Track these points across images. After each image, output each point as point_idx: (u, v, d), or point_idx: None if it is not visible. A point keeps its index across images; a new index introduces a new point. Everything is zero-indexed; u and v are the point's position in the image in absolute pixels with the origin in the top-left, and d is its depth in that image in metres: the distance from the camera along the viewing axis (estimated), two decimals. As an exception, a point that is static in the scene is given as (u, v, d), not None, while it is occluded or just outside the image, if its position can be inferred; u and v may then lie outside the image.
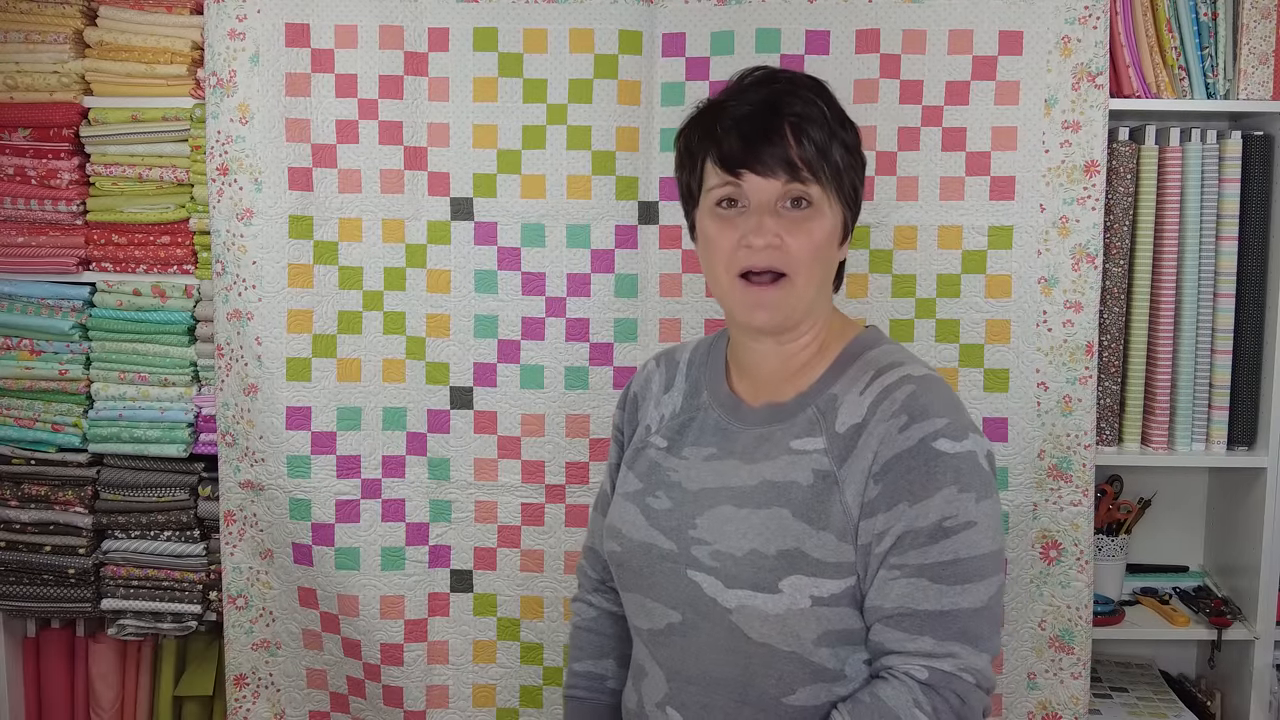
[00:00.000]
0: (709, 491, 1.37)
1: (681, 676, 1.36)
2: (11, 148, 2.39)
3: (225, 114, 2.28)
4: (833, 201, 1.34)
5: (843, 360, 1.39)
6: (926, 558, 1.25)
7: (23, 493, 2.44)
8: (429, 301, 2.32)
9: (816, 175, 1.32)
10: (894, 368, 1.35)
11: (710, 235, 1.36)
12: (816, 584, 1.28)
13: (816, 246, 1.33)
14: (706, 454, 1.41)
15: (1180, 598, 2.52)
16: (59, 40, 2.36)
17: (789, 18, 2.22)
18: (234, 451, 2.35)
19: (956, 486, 1.26)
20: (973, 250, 2.25)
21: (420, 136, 2.28)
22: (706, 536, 1.35)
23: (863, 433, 1.30)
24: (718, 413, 1.43)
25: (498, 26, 2.26)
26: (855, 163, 1.38)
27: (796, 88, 1.35)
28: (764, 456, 1.36)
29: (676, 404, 1.49)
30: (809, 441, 1.34)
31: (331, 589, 2.35)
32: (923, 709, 1.23)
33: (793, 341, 1.40)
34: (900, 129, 2.23)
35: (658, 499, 1.42)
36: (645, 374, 1.57)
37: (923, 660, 1.25)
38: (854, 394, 1.34)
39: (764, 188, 1.31)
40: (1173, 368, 2.35)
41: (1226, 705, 2.49)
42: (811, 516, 1.30)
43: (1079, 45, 2.19)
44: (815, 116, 1.33)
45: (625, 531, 1.44)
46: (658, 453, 1.46)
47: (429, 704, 2.38)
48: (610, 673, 1.60)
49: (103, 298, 2.40)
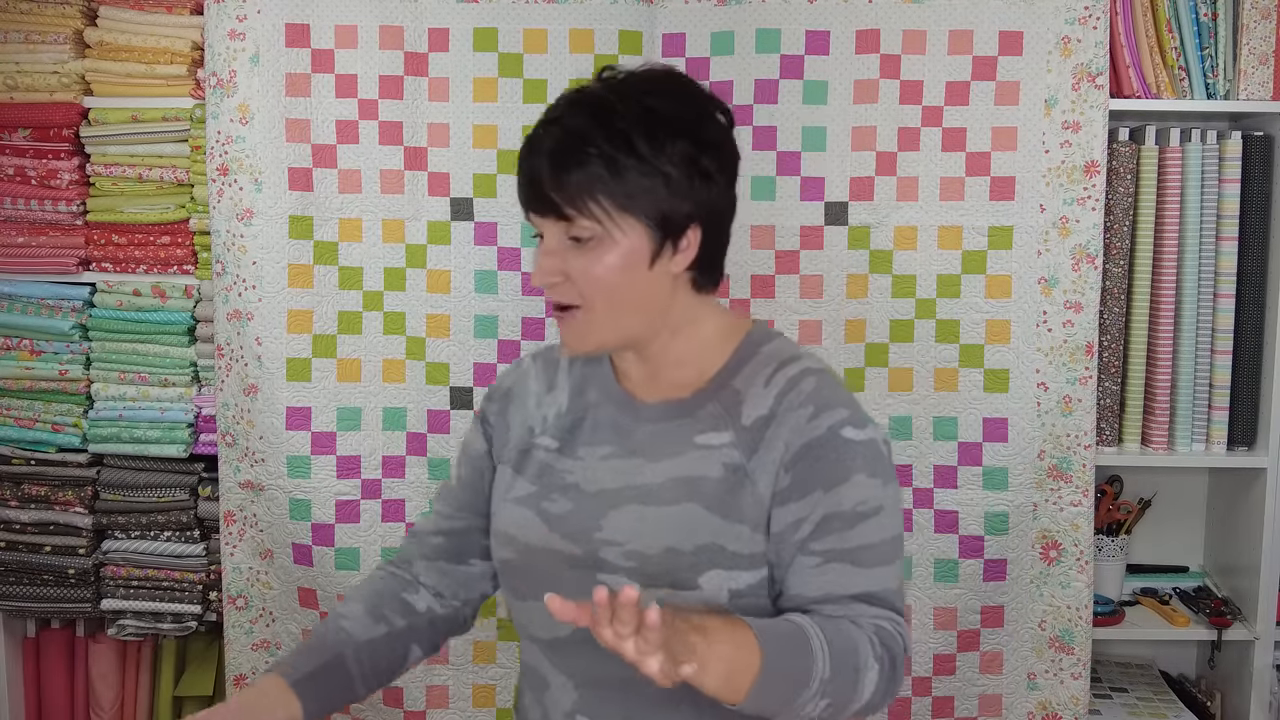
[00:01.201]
0: (610, 492, 1.34)
1: (593, 683, 1.33)
2: (11, 148, 2.39)
3: (225, 114, 2.28)
4: (630, 225, 1.28)
5: (740, 355, 1.37)
6: (846, 542, 1.27)
7: (23, 493, 2.44)
8: (429, 302, 2.32)
9: (583, 211, 1.27)
10: (794, 361, 1.35)
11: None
12: (733, 577, 1.28)
13: (603, 275, 1.28)
14: (603, 453, 1.37)
15: (1180, 598, 2.53)
16: (59, 40, 2.36)
17: (789, 18, 2.22)
18: (234, 452, 2.35)
19: (866, 472, 1.28)
20: (973, 250, 2.25)
21: (420, 137, 2.28)
22: (616, 537, 1.32)
23: (771, 424, 1.30)
24: (610, 410, 1.40)
25: (498, 27, 2.26)
26: (656, 174, 1.28)
27: (582, 116, 1.30)
28: (668, 453, 1.33)
29: (562, 404, 1.44)
30: (715, 436, 1.32)
31: (332, 589, 2.35)
32: (875, 651, 1.25)
33: (651, 350, 1.37)
34: (900, 129, 2.23)
35: (554, 502, 1.37)
36: (521, 371, 1.51)
37: (868, 618, 1.27)
38: (758, 387, 1.33)
39: (548, 227, 1.31)
40: (1173, 368, 2.35)
41: (1226, 705, 2.49)
42: (724, 510, 1.29)
43: (1079, 45, 2.19)
44: (580, 149, 1.28)
45: (520, 537, 1.39)
46: (548, 454, 1.41)
47: (429, 704, 2.39)
48: (352, 615, 1.47)
49: (103, 298, 2.40)
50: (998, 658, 2.33)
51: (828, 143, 2.24)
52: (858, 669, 1.23)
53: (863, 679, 1.23)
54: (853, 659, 1.23)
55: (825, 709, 1.22)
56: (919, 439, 2.29)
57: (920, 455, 2.29)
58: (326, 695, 1.39)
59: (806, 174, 2.25)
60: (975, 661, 2.33)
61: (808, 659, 1.20)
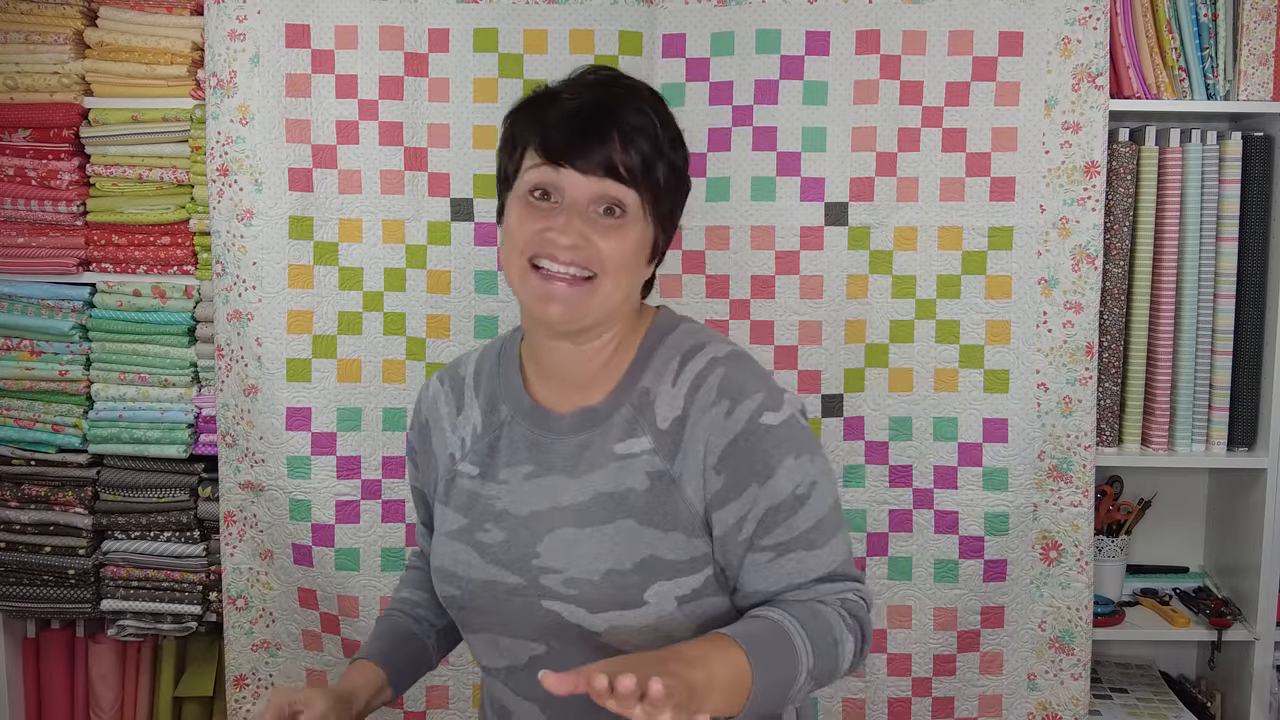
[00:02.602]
0: (540, 515, 1.31)
1: (558, 705, 1.29)
2: (11, 148, 2.39)
3: (225, 115, 2.28)
4: (648, 217, 1.29)
5: (644, 351, 1.34)
6: (794, 530, 1.27)
7: (23, 493, 2.44)
8: (429, 302, 2.32)
9: (635, 184, 1.26)
10: (698, 351, 1.32)
11: (513, 221, 1.29)
12: (678, 585, 1.27)
13: (626, 254, 1.27)
14: (525, 472, 1.34)
15: (1180, 598, 2.53)
16: (59, 41, 2.36)
17: (789, 18, 2.22)
18: (234, 452, 2.35)
19: (793, 454, 1.27)
20: (973, 251, 2.25)
21: (420, 137, 2.28)
22: (554, 564, 1.29)
23: (686, 425, 1.28)
24: (524, 425, 1.35)
25: (498, 27, 2.26)
26: (678, 186, 1.33)
27: (635, 97, 1.30)
28: (589, 467, 1.30)
29: (476, 424, 1.39)
30: (633, 443, 1.30)
31: (332, 590, 2.35)
32: (846, 623, 1.27)
33: (590, 343, 1.33)
34: (900, 130, 2.23)
35: (488, 532, 1.34)
36: (431, 396, 1.46)
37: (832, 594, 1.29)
38: (666, 386, 1.31)
39: (580, 185, 1.25)
40: (1173, 368, 2.35)
41: (1226, 706, 2.49)
42: (657, 520, 1.27)
43: (1079, 46, 2.19)
44: (647, 129, 1.28)
45: (460, 573, 1.35)
46: (471, 481, 1.37)
47: (429, 704, 2.39)
48: (423, 602, 1.54)
49: (103, 298, 2.40)
50: (998, 658, 2.33)
51: (828, 143, 2.24)
52: (836, 643, 1.26)
53: (841, 654, 1.26)
54: (830, 638, 1.25)
55: (812, 688, 1.25)
56: (919, 439, 2.29)
57: (920, 456, 2.29)
58: (413, 678, 1.51)
59: (806, 174, 2.25)
60: (975, 662, 2.33)
61: (793, 656, 1.22)
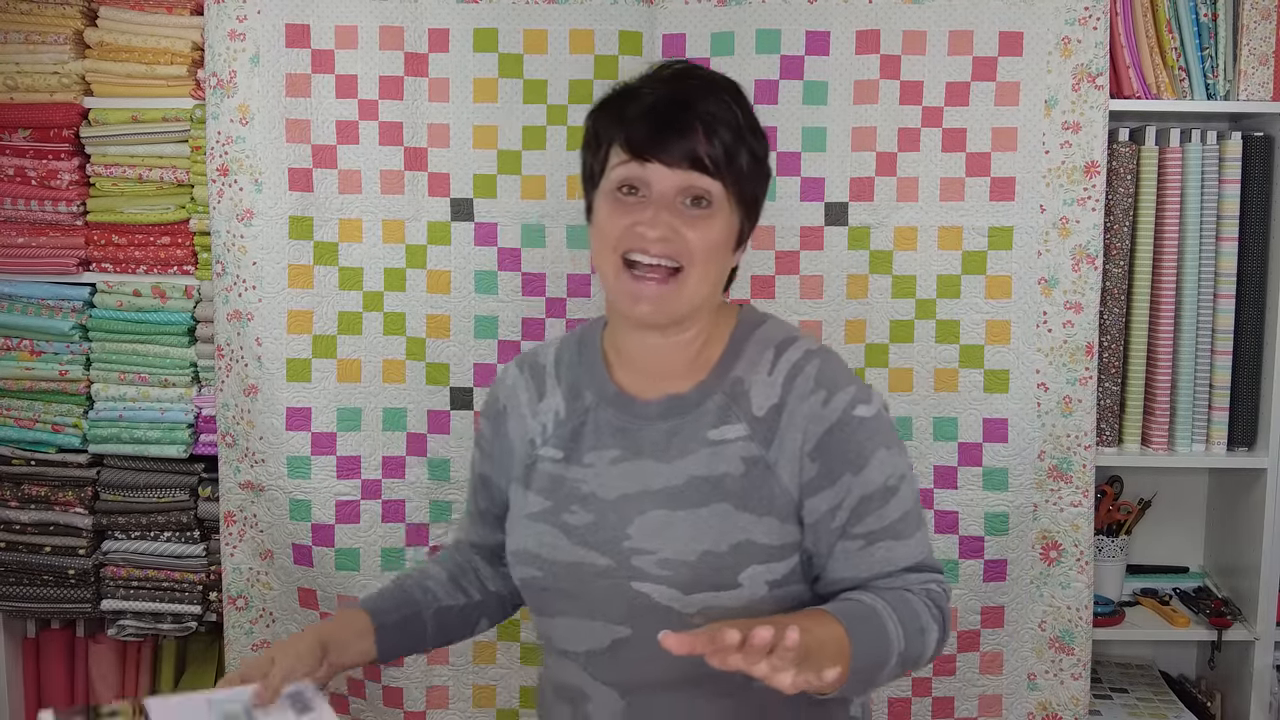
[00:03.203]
0: (630, 498, 1.33)
1: (638, 690, 1.33)
2: (11, 148, 2.39)
3: (225, 114, 2.28)
4: (733, 205, 1.32)
5: (735, 342, 1.37)
6: (884, 519, 1.31)
7: (23, 493, 2.44)
8: (429, 302, 2.32)
9: (720, 174, 1.29)
10: (791, 343, 1.36)
11: (602, 217, 1.33)
12: (770, 569, 1.30)
13: (714, 244, 1.30)
14: (611, 457, 1.36)
15: (1180, 598, 2.53)
16: (59, 41, 2.36)
17: (789, 18, 2.22)
18: (234, 452, 2.35)
19: (884, 447, 1.32)
20: (973, 251, 2.25)
21: (420, 137, 2.28)
22: (646, 545, 1.31)
23: (783, 412, 1.31)
24: (609, 412, 1.38)
25: (498, 27, 2.26)
26: (760, 173, 1.36)
27: (714, 88, 1.33)
28: (680, 452, 1.33)
29: (559, 410, 1.41)
30: (727, 430, 1.32)
31: (332, 590, 2.35)
32: (931, 611, 1.31)
33: (678, 335, 1.35)
34: (900, 130, 2.23)
35: (574, 514, 1.35)
36: (509, 384, 1.48)
37: (918, 584, 1.33)
38: (761, 375, 1.33)
39: (666, 178, 1.28)
40: (1173, 368, 2.35)
41: (1226, 706, 2.49)
42: (751, 504, 1.30)
43: (1079, 46, 2.19)
44: (728, 119, 1.30)
45: (545, 554, 1.37)
46: (555, 465, 1.39)
47: (429, 704, 2.38)
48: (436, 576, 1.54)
49: (103, 298, 2.40)
50: (998, 658, 2.33)
51: (828, 143, 2.24)
52: (923, 631, 1.30)
53: (926, 641, 1.30)
54: (917, 624, 1.29)
55: (897, 674, 1.29)
56: (919, 439, 2.29)
57: (920, 455, 2.29)
58: (400, 645, 1.48)
59: (807, 174, 2.25)
60: (975, 662, 2.33)
61: (886, 638, 1.26)
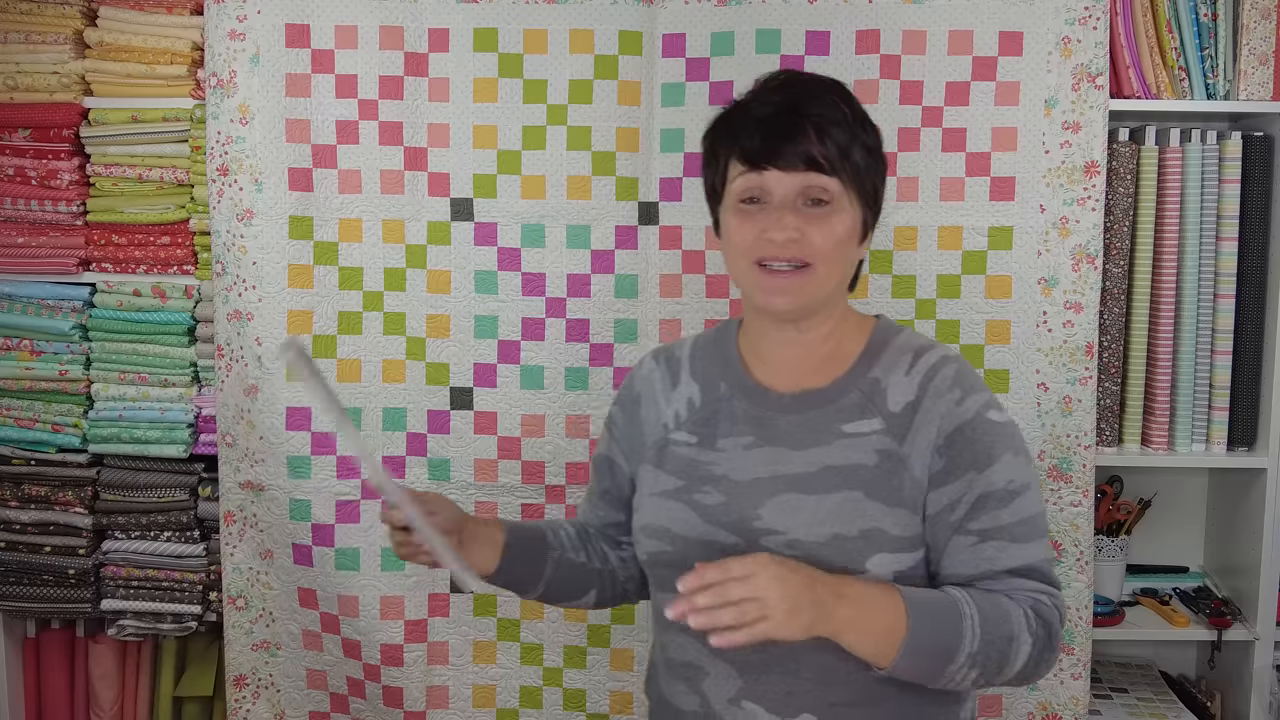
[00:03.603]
0: (762, 481, 1.39)
1: (757, 668, 1.37)
2: (11, 148, 2.39)
3: (225, 114, 2.28)
4: (853, 200, 1.38)
5: (873, 346, 1.44)
6: (1000, 520, 1.34)
7: (23, 493, 2.44)
8: (429, 302, 2.32)
9: (836, 172, 1.35)
10: (929, 350, 1.42)
11: (731, 229, 1.40)
12: (897, 559, 1.34)
13: (837, 240, 1.37)
14: (745, 443, 1.42)
15: (1180, 598, 2.52)
16: (59, 41, 2.36)
17: (789, 18, 2.22)
18: (234, 452, 2.35)
19: (1012, 451, 1.36)
20: (973, 251, 2.25)
21: (420, 137, 2.28)
22: (776, 526, 1.36)
23: (919, 409, 1.37)
24: (744, 403, 1.45)
25: (498, 27, 2.26)
26: (876, 164, 1.42)
27: (819, 89, 1.39)
28: (814, 442, 1.38)
29: (694, 398, 1.49)
30: (863, 424, 1.38)
31: (331, 589, 2.35)
32: (1029, 625, 1.32)
33: (812, 330, 1.43)
34: (900, 129, 2.23)
35: (706, 494, 1.42)
36: (645, 372, 1.57)
37: (1026, 592, 1.34)
38: (899, 375, 1.40)
39: (785, 182, 1.35)
40: (1173, 368, 2.35)
41: (1226, 706, 2.49)
42: (884, 495, 1.35)
43: (1079, 46, 2.19)
44: (836, 117, 1.36)
45: (676, 530, 1.43)
46: (688, 448, 1.46)
47: (429, 704, 2.39)
48: (568, 529, 1.61)
49: (103, 298, 2.40)
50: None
51: (828, 143, 2.24)
52: (1010, 639, 1.30)
53: (1015, 651, 1.31)
54: (1004, 630, 1.30)
55: (976, 678, 1.30)
56: (919, 439, 2.29)
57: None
58: (517, 573, 1.52)
59: (807, 174, 2.25)
60: (975, 662, 2.33)
61: (957, 630, 1.28)
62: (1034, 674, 1.35)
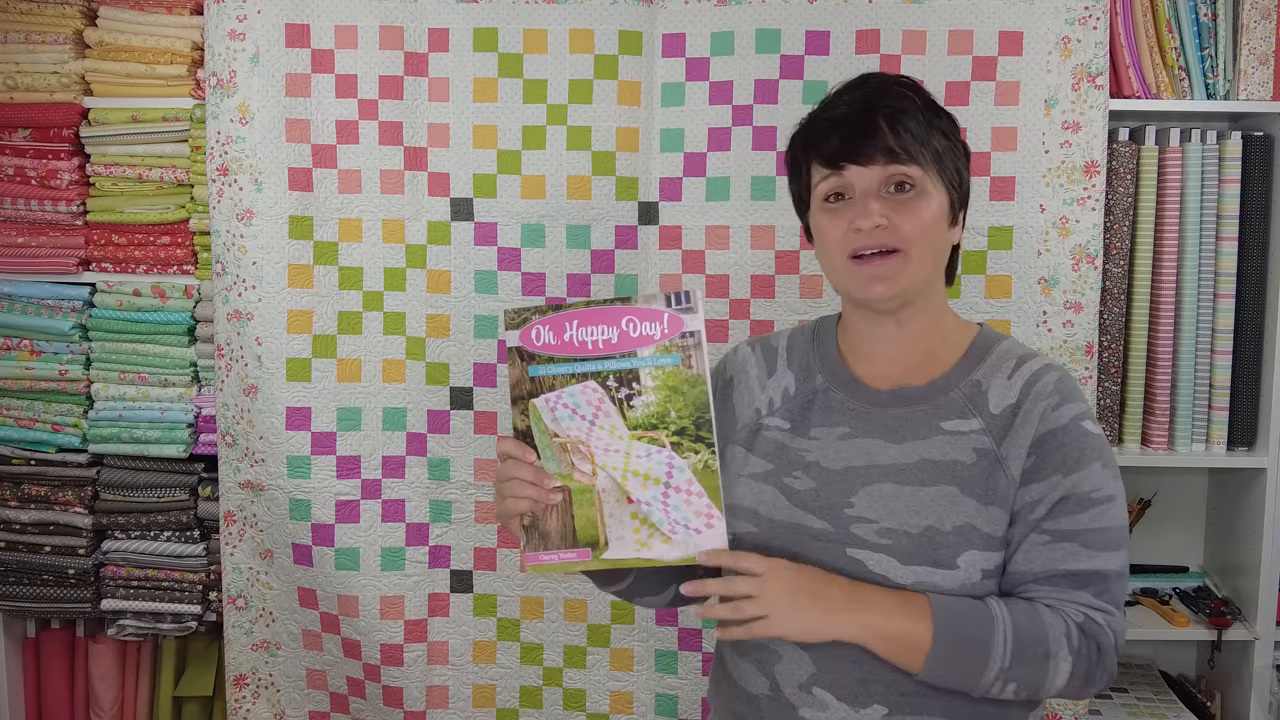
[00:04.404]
0: (856, 470, 1.40)
1: (831, 655, 1.37)
2: (11, 148, 2.39)
3: (225, 114, 2.28)
4: (936, 184, 1.40)
5: (975, 351, 1.45)
6: (1078, 524, 1.35)
7: (23, 493, 2.44)
8: (429, 302, 2.32)
9: (915, 158, 1.38)
10: (1032, 358, 1.44)
11: (822, 228, 1.43)
12: (987, 558, 1.35)
13: (925, 224, 1.38)
14: (839, 433, 1.44)
15: (1180, 598, 2.52)
16: (59, 41, 2.37)
17: (789, 18, 2.22)
18: (234, 452, 2.35)
19: (1101, 463, 1.37)
20: (973, 251, 2.25)
21: (420, 137, 2.28)
22: (868, 514, 1.37)
23: (1019, 412, 1.38)
24: (840, 394, 1.46)
25: (498, 27, 2.26)
26: (955, 148, 1.43)
27: (888, 85, 1.42)
28: (913, 436, 1.40)
29: (789, 387, 1.50)
30: (964, 423, 1.39)
31: (331, 589, 2.35)
32: (1070, 643, 1.32)
33: (910, 323, 1.44)
34: (900, 129, 2.23)
35: (797, 479, 1.43)
36: (740, 359, 1.58)
37: (1079, 606, 1.34)
38: (1001, 379, 1.41)
39: (866, 175, 1.38)
40: (1173, 368, 2.35)
41: (1226, 706, 2.49)
42: (979, 493, 1.36)
43: (1079, 46, 2.19)
44: (909, 108, 1.39)
45: (764, 512, 1.44)
46: (781, 434, 1.47)
47: (429, 704, 2.39)
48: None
49: (103, 298, 2.40)
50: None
51: (828, 143, 2.24)
52: (1047, 656, 1.31)
53: (1052, 668, 1.31)
54: (1041, 648, 1.31)
55: (1016, 690, 1.32)
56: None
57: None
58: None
59: (806, 174, 2.25)
60: (975, 661, 2.33)
61: (986, 642, 1.29)
62: (1083, 691, 1.35)
